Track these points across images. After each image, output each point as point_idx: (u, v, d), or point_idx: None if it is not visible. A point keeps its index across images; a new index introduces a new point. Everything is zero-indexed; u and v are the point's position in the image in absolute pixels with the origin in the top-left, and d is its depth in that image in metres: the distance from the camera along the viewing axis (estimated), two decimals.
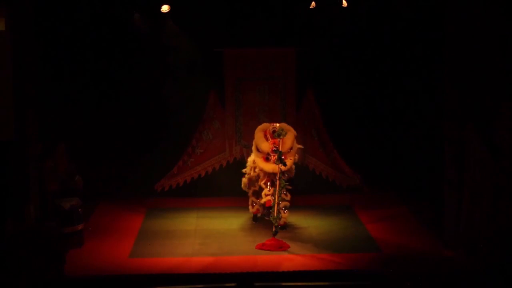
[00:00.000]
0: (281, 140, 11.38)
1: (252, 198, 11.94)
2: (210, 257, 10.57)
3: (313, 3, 12.34)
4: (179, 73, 12.89)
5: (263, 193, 11.59)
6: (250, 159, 11.92)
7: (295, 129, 11.99)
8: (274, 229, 11.13)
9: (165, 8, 12.25)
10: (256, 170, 11.69)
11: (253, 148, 11.75)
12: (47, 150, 11.34)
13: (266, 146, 11.52)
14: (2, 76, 10.40)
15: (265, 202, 11.50)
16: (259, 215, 11.94)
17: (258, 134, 11.68)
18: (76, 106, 12.73)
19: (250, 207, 11.97)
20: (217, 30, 12.84)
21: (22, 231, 9.70)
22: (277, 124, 11.61)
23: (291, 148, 11.59)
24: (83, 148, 12.41)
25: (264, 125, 11.77)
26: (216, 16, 12.71)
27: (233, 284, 9.29)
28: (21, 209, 10.32)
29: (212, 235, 11.53)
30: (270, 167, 11.44)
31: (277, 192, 11.24)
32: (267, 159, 11.51)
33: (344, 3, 12.25)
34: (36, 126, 11.02)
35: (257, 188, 11.82)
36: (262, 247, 10.90)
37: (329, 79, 13.16)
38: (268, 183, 11.49)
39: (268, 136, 11.57)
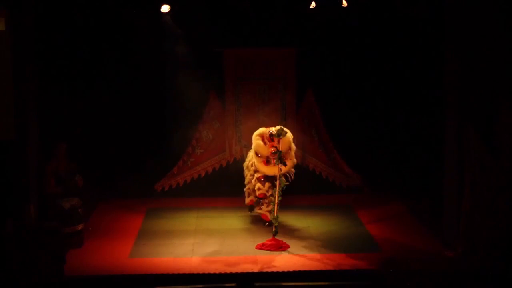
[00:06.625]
0: (281, 140, 11.37)
1: (247, 190, 11.92)
2: (210, 257, 10.57)
3: (313, 3, 12.33)
4: (179, 73, 12.88)
5: (256, 187, 11.59)
6: (250, 154, 11.90)
7: (295, 129, 11.91)
8: (274, 229, 11.13)
9: (165, 8, 12.23)
10: (252, 168, 11.71)
11: (252, 153, 11.73)
12: (47, 150, 11.33)
13: (265, 150, 11.49)
14: (2, 76, 10.40)
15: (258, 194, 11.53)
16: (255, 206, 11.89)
17: (256, 139, 11.65)
18: (76, 106, 12.71)
19: (246, 199, 11.93)
20: (217, 30, 12.84)
21: (22, 231, 9.69)
22: (273, 128, 11.56)
23: (289, 149, 11.59)
24: (83, 148, 12.40)
25: (261, 130, 11.70)
26: (216, 16, 12.71)
27: (233, 284, 9.29)
28: (21, 209, 10.33)
29: (212, 235, 11.53)
30: (271, 170, 11.42)
31: (277, 192, 11.24)
32: (267, 162, 11.49)
33: (344, 3, 12.23)
34: (37, 126, 11.02)
35: (253, 184, 11.83)
36: (262, 247, 10.90)
37: (329, 79, 13.16)
38: (262, 179, 11.49)
39: (266, 140, 11.55)
